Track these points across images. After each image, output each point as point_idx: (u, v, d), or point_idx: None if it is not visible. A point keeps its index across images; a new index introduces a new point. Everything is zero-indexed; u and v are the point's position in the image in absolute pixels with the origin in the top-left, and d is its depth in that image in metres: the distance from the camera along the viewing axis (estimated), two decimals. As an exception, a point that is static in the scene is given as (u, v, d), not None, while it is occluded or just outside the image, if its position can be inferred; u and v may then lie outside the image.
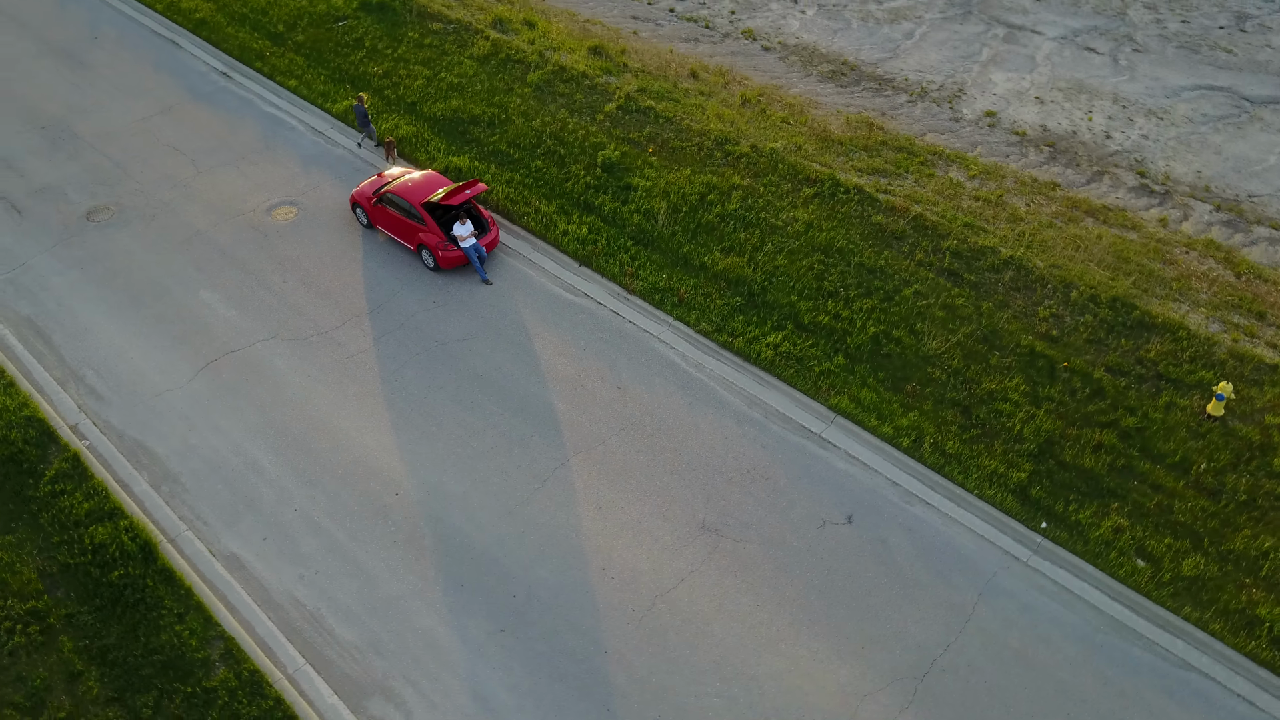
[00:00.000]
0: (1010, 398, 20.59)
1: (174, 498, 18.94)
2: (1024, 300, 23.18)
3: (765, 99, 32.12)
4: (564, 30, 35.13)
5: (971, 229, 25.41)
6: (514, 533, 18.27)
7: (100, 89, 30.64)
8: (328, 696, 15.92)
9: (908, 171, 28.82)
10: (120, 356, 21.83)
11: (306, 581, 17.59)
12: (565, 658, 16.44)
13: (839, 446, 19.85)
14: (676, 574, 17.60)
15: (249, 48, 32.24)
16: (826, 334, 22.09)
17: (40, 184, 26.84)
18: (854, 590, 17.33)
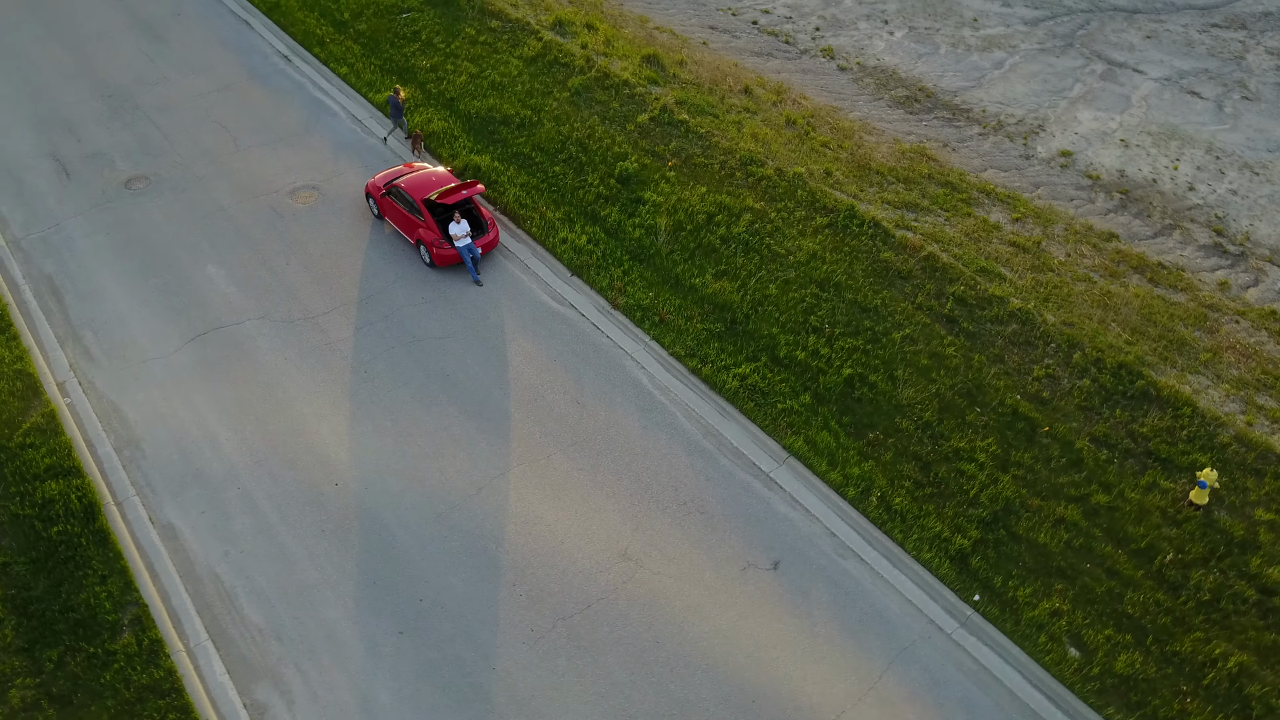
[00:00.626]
0: (976, 458, 19.57)
1: (131, 463, 19.71)
2: (1020, 356, 21.98)
3: (815, 121, 31.37)
4: (626, 37, 35.06)
5: (987, 275, 24.24)
6: (438, 536, 18.35)
7: (169, 63, 32.12)
8: (219, 675, 16.31)
9: (942, 208, 27.72)
10: (120, 321, 22.84)
11: (230, 559, 18.05)
12: (454, 668, 16.42)
13: (784, 489, 19.23)
14: (585, 599, 17.37)
15: (312, 33, 33.27)
16: (799, 371, 21.43)
17: (93, 149, 28.30)
18: (760, 640, 16.77)
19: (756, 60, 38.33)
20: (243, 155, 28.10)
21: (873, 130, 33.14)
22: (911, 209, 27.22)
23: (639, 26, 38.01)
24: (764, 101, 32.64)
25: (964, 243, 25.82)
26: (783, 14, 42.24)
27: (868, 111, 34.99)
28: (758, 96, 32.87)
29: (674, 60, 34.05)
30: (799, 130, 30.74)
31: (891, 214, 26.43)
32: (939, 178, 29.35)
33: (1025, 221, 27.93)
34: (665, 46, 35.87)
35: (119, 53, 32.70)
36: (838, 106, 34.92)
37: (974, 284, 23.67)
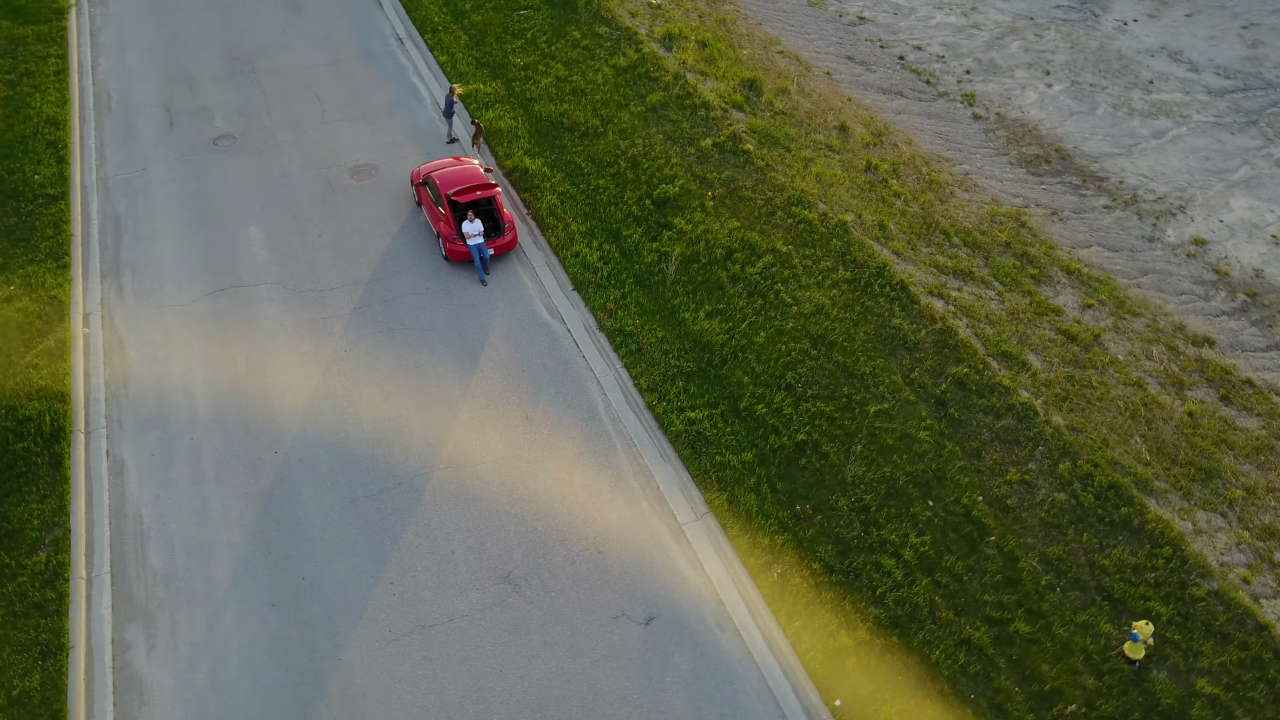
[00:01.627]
0: (902, 554, 18.22)
1: (113, 397, 21.35)
2: (1001, 455, 20.24)
3: (903, 169, 29.93)
4: (737, 58, 34.55)
5: (1006, 360, 22.44)
6: (342, 521, 18.89)
7: (297, 34, 34.30)
8: (104, 608, 17.47)
9: (1000, 280, 25.88)
10: (158, 266, 24.72)
11: (159, 503, 19.26)
12: (305, 651, 16.90)
13: (691, 545, 18.59)
14: (450, 612, 17.45)
15: (431, 19, 34.66)
16: (754, 426, 20.59)
17: (201, 105, 30.67)
18: (601, 693, 16.33)
19: (879, 97, 36.91)
20: (325, 128, 29.66)
21: (973, 187, 31.25)
22: (960, 276, 25.51)
23: (761, 49, 37.35)
24: (855, 141, 31.37)
25: (1002, 322, 23.97)
26: (936, 51, 40.46)
27: (980, 166, 33.02)
28: (851, 135, 31.63)
29: (775, 87, 33.25)
30: (877, 177, 29.38)
31: (930, 278, 24.86)
32: (1018, 247, 27.37)
33: (1098, 309, 25.64)
34: (776, 72, 35.08)
35: (259, 20, 35.17)
36: (946, 157, 33.13)
37: (983, 367, 21.95)
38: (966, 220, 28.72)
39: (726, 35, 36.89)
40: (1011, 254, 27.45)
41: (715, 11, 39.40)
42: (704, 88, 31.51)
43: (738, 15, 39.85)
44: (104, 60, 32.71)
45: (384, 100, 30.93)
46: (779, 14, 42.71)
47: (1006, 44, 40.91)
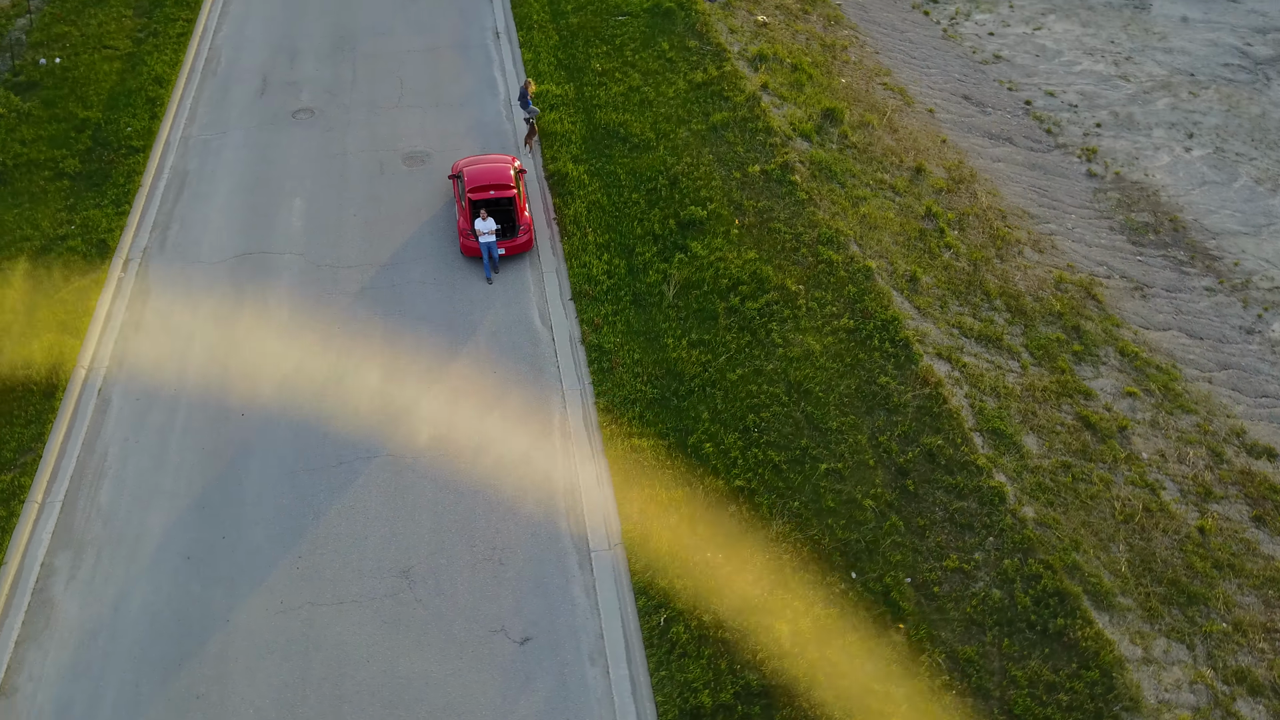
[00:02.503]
0: (798, 623, 17.39)
1: (122, 339, 22.97)
2: (946, 538, 18.97)
3: (970, 221, 28.50)
4: (829, 86, 33.65)
5: (993, 438, 21.01)
6: (277, 490, 19.69)
7: (404, 19, 35.73)
8: (44, 533, 18.89)
9: (1031, 353, 24.26)
10: (203, 224, 26.38)
11: (125, 445, 20.63)
12: (200, 607, 17.73)
13: (594, 573, 18.37)
14: (342, 595, 17.92)
15: (530, 17, 35.37)
16: (695, 464, 20.08)
17: (294, 78, 32.46)
18: (454, 704, 16.38)
19: (981, 142, 35.18)
20: (397, 112, 30.79)
21: (1049, 248, 29.38)
22: (984, 342, 24.00)
23: (865, 78, 36.21)
24: (926, 185, 29.99)
25: (1010, 397, 22.42)
26: (1070, 100, 38.33)
27: (1071, 227, 31.02)
28: (925, 178, 30.25)
29: (858, 120, 32.18)
30: (933, 225, 28.00)
31: (944, 339, 23.50)
32: (1072, 319, 25.56)
33: (1140, 399, 23.70)
34: (867, 104, 33.93)
35: (375, 3, 36.81)
36: (1033, 214, 31.28)
37: (961, 442, 20.60)
38: (1022, 283, 26.96)
39: (829, 61, 35.89)
40: (1060, 325, 25.60)
41: (829, 36, 38.43)
42: (776, 112, 30.81)
43: (853, 42, 38.74)
44: (225, 28, 35.04)
45: (461, 91, 31.79)
46: (903, 45, 41.27)
47: (1153, 100, 38.20)
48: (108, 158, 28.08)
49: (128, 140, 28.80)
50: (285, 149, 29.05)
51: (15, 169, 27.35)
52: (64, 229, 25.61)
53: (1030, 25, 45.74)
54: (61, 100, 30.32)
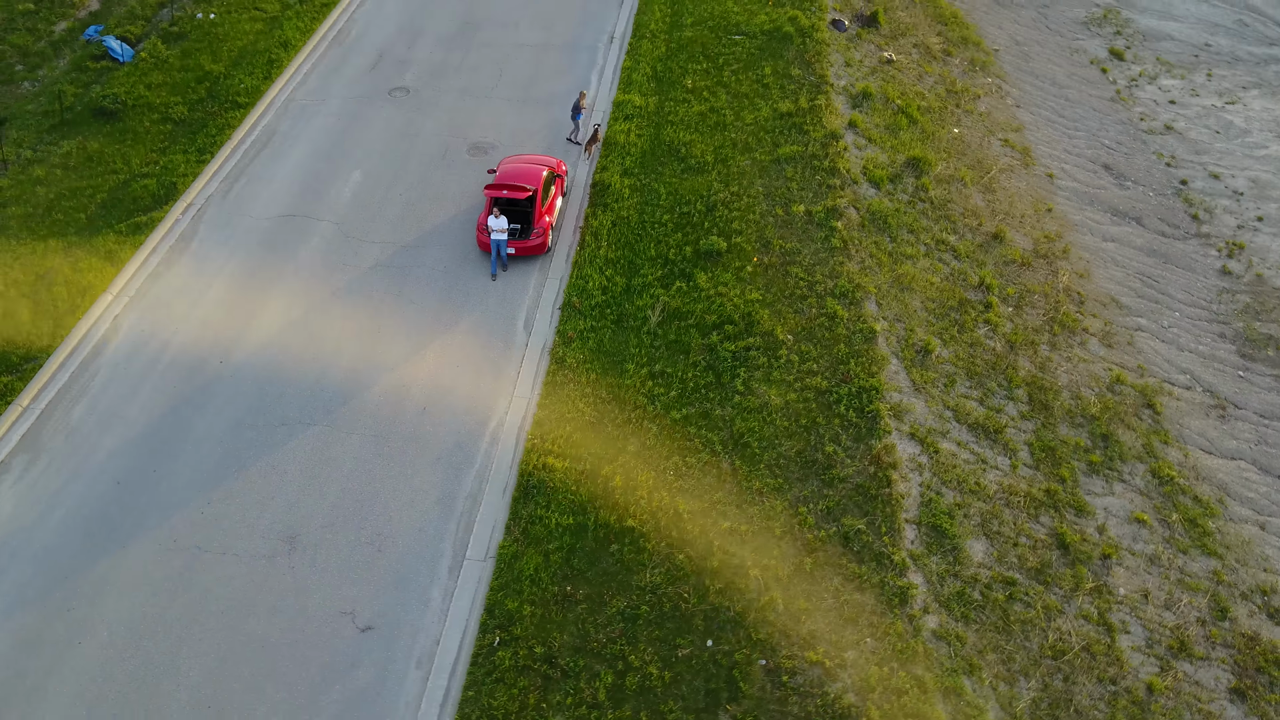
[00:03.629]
0: (624, 682, 16.83)
1: (155, 278, 25.05)
2: (823, 629, 17.74)
3: (1033, 300, 26.56)
4: (935, 133, 31.97)
5: (931, 535, 19.47)
6: (217, 438, 20.98)
7: (530, 14, 36.73)
8: (16, 434, 21.00)
9: (1033, 452, 22.29)
10: (267, 181, 28.31)
11: (114, 370, 22.55)
12: (106, 530, 19.21)
13: (456, 581, 18.51)
14: (226, 547, 18.92)
15: (649, 25, 35.53)
16: (597, 494, 19.73)
17: (405, 57, 34.14)
18: (279, 673, 16.92)
19: (1098, 217, 32.49)
20: (484, 101, 31.80)
21: (1121, 345, 26.89)
22: (978, 433, 22.20)
23: (984, 131, 34.09)
24: (998, 255, 27.98)
25: (977, 495, 20.67)
26: (1237, 186, 35.05)
27: (1166, 327, 28.27)
28: (1000, 247, 28.25)
29: (947, 174, 30.38)
30: (980, 297, 26.10)
31: (927, 420, 21.89)
32: (1106, 427, 23.38)
33: (1150, 530, 21.50)
34: (972, 159, 31.94)
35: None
36: (1123, 305, 28.71)
37: (887, 532, 19.16)
38: (1064, 375, 24.69)
39: (947, 108, 33.96)
40: (1088, 430, 23.30)
41: (965, 82, 36.38)
42: (853, 154, 29.51)
43: (992, 92, 36.51)
44: (368, 4, 37.25)
45: (551, 89, 32.38)
46: (1055, 101, 38.48)
47: (1339, 205, 33.83)
48: (212, 109, 30.57)
49: (235, 96, 31.23)
50: (368, 123, 30.59)
51: (131, 108, 30.29)
52: (148, 167, 28.16)
53: (1223, 98, 41.57)
54: (197, 53, 33.26)
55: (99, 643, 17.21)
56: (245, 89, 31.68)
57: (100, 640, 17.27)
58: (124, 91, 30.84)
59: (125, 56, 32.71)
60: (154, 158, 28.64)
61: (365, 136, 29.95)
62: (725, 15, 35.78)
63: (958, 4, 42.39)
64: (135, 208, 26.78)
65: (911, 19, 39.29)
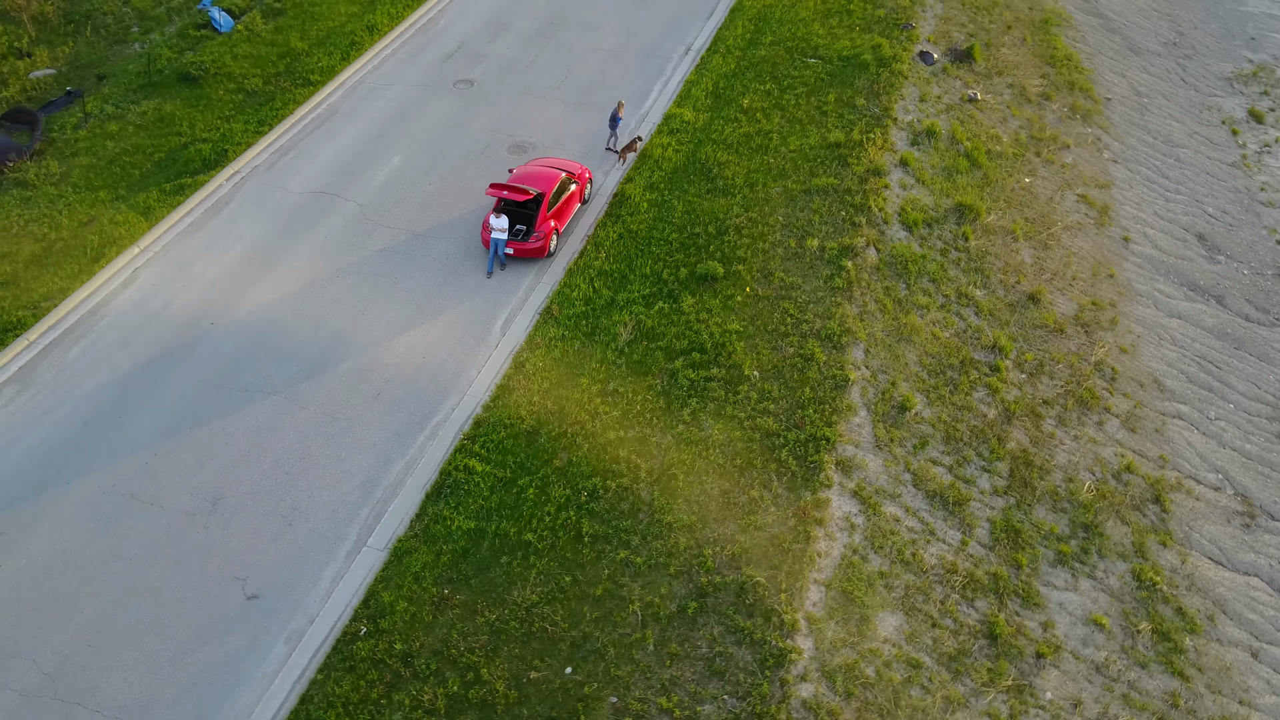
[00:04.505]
0: (468, 694, 16.79)
1: (183, 237, 26.61)
2: (688, 677, 17.15)
3: (1054, 370, 25.08)
4: (998, 180, 30.40)
5: (838, 600, 18.54)
6: (183, 394, 22.10)
7: (617, 19, 36.92)
8: (13, 366, 22.73)
9: (994, 531, 21.00)
10: (313, 158, 29.58)
11: (117, 317, 24.09)
12: (60, 464, 20.55)
13: (347, 565, 18.90)
14: (154, 498, 19.92)
15: (726, 40, 35.11)
16: (507, 503, 19.70)
17: (484, 51, 34.92)
18: (158, 629, 17.74)
19: (1170, 290, 30.23)
20: (540, 101, 32.21)
21: (1147, 431, 25.23)
22: (934, 499, 20.98)
23: (1061, 184, 32.13)
24: (1027, 318, 26.35)
25: (909, 567, 19.55)
26: None
27: (1209, 418, 26.66)
28: (1035, 309, 26.64)
29: (996, 224, 28.79)
30: (989, 359, 24.61)
31: (879, 479, 20.80)
32: (1092, 516, 22.02)
33: (1108, 634, 20.11)
34: (1034, 212, 30.15)
35: (609, 1, 38.35)
36: (1166, 389, 26.77)
37: (788, 589, 18.35)
38: (1063, 455, 23.06)
39: (1022, 156, 32.13)
40: (1069, 518, 21.76)
41: (1056, 130, 34.37)
42: (892, 193, 28.32)
43: (1087, 143, 34.39)
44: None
45: (612, 96, 32.46)
46: (1161, 160, 35.85)
47: None
48: (284, 84, 32.16)
49: (309, 74, 32.73)
50: (424, 111, 31.48)
51: (212, 76, 32.22)
52: (208, 133, 29.90)
53: (1363, 181, 37.72)
54: (289, 29, 35.05)
55: (15, 568, 18.43)
56: (321, 68, 33.12)
57: (16, 566, 18.49)
58: (210, 60, 32.80)
59: (225, 27, 34.77)
60: (217, 124, 30.35)
61: (416, 124, 30.80)
62: (807, 37, 34.90)
63: (1079, 46, 39.93)
64: (184, 170, 28.46)
65: (1016, 58, 37.26)
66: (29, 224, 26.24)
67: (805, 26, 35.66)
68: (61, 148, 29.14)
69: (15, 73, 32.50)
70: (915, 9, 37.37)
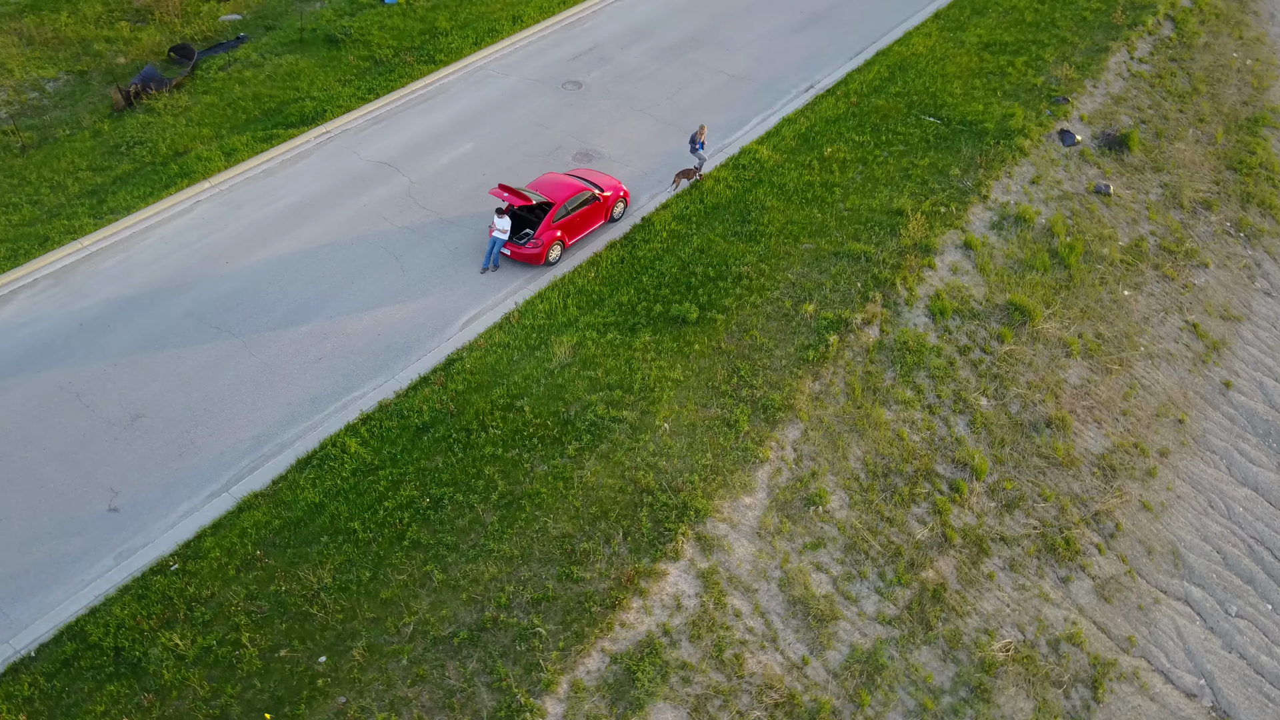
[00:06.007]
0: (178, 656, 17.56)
1: (247, 184, 29.16)
2: (416, 713, 17.05)
3: (1043, 513, 22.62)
4: (1081, 287, 27.31)
5: (623, 693, 17.70)
6: (163, 319, 24.38)
7: (765, 44, 36.13)
8: (59, 266, 26.07)
9: (847, 658, 19.28)
10: (400, 131, 31.26)
11: (159, 246, 26.96)
12: (36, 358, 23.46)
13: (203, 505, 20.20)
14: (90, 403, 22.18)
15: (852, 84, 33.47)
16: (355, 487, 20.25)
17: (612, 56, 35.36)
18: (25, 517, 19.73)
19: (1259, 455, 26.42)
20: (634, 114, 32.25)
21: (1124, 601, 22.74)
22: (796, 607, 19.41)
23: (1174, 305, 28.39)
24: (1027, 444, 23.67)
25: (718, 671, 18.25)
26: None
27: (1224, 612, 23.84)
28: (1045, 437, 23.89)
29: (1052, 334, 25.86)
30: (952, 475, 22.31)
31: (740, 571, 19.46)
32: (987, 680, 19.79)
33: None
34: (1112, 329, 26.88)
35: (762, 19, 37.55)
36: (1181, 563, 23.77)
37: (550, 671, 17.68)
38: (989, 602, 20.79)
39: (1139, 266, 28.52)
40: (953, 673, 19.65)
41: (1200, 244, 30.25)
42: (935, 274, 26.06)
43: (1231, 263, 30.01)
44: (623, 1, 38.91)
45: (709, 120, 31.90)
46: (1331, 302, 30.49)
47: None
48: (408, 59, 34.22)
49: (436, 53, 34.62)
50: (520, 105, 32.41)
51: (352, 41, 34.86)
52: (319, 92, 32.45)
53: None
54: (441, 8, 37.20)
55: (-45, 432, 21.23)
56: (450, 48, 34.90)
57: (-40, 432, 21.29)
58: (359, 27, 35.46)
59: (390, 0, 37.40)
60: (333, 86, 32.82)
61: (505, 116, 31.77)
62: (938, 94, 32.51)
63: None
64: (282, 121, 31.08)
65: (1190, 156, 32.78)
66: (133, 146, 29.71)
67: (943, 83, 33.18)
68: (200, 85, 32.66)
69: (211, 14, 36.66)
70: (1083, 83, 33.73)
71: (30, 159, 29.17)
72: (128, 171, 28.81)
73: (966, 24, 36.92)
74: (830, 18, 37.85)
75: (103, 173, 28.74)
